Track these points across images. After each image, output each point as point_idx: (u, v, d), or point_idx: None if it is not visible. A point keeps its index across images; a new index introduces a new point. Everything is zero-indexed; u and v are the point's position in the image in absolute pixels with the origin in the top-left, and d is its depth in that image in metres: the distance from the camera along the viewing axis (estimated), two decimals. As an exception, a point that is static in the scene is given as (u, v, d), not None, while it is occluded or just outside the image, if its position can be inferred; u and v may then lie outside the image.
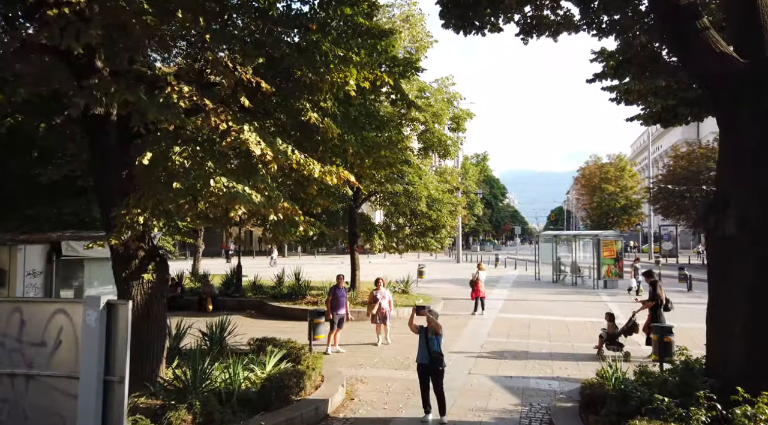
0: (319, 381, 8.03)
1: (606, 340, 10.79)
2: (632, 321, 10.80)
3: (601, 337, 10.90)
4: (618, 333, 10.78)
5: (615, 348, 10.64)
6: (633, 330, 10.80)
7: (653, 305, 10.80)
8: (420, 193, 15.98)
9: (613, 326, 10.89)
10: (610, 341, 10.76)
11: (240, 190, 5.71)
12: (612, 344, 10.70)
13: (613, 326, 10.88)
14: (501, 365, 10.01)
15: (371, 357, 10.65)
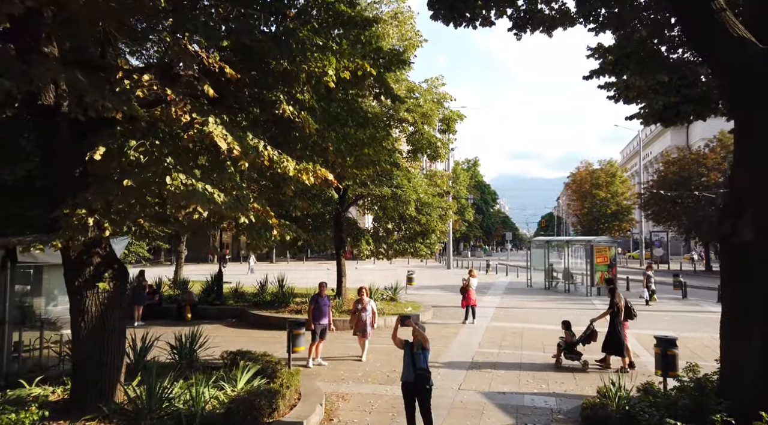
0: (295, 399, 7.35)
1: (564, 349, 10.39)
2: (590, 328, 10.44)
3: (559, 346, 10.50)
4: (576, 341, 10.43)
5: (573, 357, 10.28)
6: (591, 339, 10.45)
7: (611, 312, 10.36)
8: (409, 196, 15.36)
9: (570, 334, 10.56)
10: (567, 350, 10.36)
11: (200, 188, 5.05)
12: (570, 353, 10.33)
13: (570, 334, 10.55)
14: (493, 379, 9.37)
15: (355, 370, 9.97)
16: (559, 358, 10.41)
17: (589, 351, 10.65)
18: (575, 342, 10.42)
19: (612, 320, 10.33)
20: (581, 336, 10.48)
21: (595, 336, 10.40)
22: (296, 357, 10.39)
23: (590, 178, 57.82)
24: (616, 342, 10.05)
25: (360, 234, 16.86)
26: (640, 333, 13.81)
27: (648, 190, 39.98)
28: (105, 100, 4.65)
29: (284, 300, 16.23)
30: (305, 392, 7.68)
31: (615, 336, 10.08)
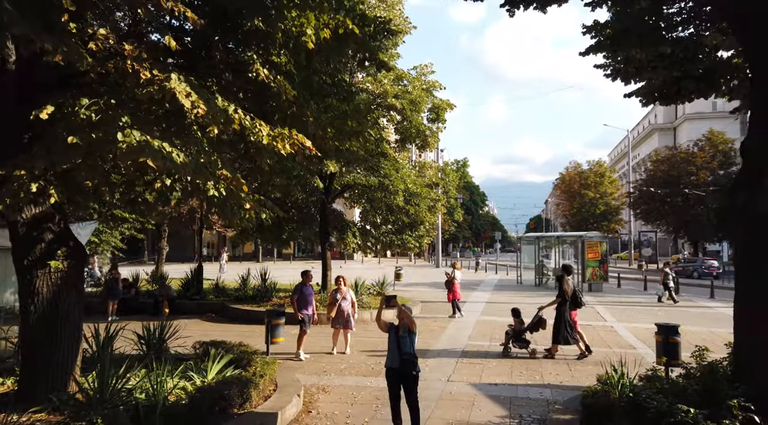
0: (270, 390, 6.75)
1: (512, 337, 10.17)
2: (538, 316, 10.32)
3: (507, 334, 10.26)
4: (524, 329, 10.26)
5: (521, 345, 10.10)
6: (539, 326, 10.27)
7: (559, 301, 10.06)
8: (396, 186, 14.82)
9: (519, 322, 10.36)
10: (516, 338, 10.14)
11: (156, 145, 4.46)
12: (518, 341, 10.13)
13: (519, 322, 10.35)
14: (484, 370, 8.84)
15: (337, 363, 9.38)
16: (507, 346, 10.17)
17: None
18: (523, 329, 10.23)
19: (558, 309, 10.05)
20: (529, 323, 10.31)
21: (544, 324, 10.24)
22: (283, 351, 9.81)
23: (579, 178, 57.80)
24: (563, 331, 9.82)
25: (346, 227, 16.29)
26: (636, 326, 13.40)
27: (637, 188, 39.87)
28: (44, 42, 4.04)
29: (267, 295, 15.59)
30: (282, 383, 7.08)
31: (562, 324, 9.86)
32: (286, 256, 50.03)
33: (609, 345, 10.95)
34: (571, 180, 58.82)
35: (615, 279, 24.91)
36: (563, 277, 10.32)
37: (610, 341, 11.42)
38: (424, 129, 15.14)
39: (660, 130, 68.83)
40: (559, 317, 9.93)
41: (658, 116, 71.43)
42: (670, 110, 69.45)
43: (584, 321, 13.95)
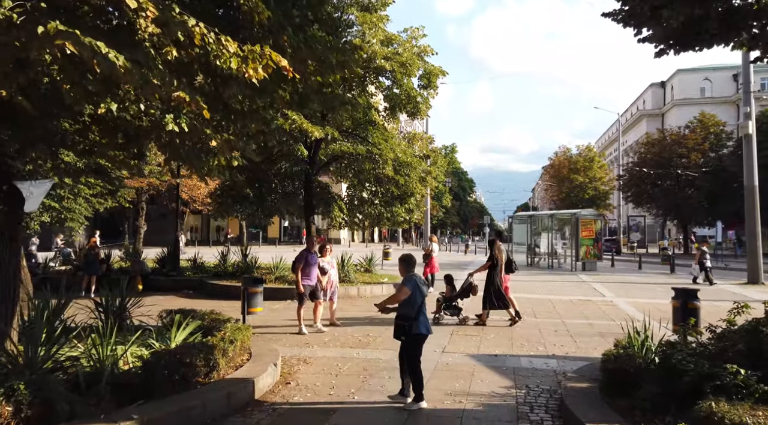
0: (243, 359, 5.91)
1: (443, 304, 9.81)
2: (468, 282, 10.05)
3: (438, 301, 9.88)
4: (455, 295, 9.92)
5: (452, 312, 9.79)
6: (470, 292, 10.00)
7: (490, 265, 9.79)
8: (386, 155, 13.93)
9: (451, 289, 10.05)
10: (447, 305, 9.80)
11: (87, 41, 3.53)
12: (449, 308, 9.80)
13: (450, 289, 10.05)
14: (482, 342, 8.08)
15: (321, 336, 8.55)
16: (438, 314, 9.72)
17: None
18: (454, 296, 9.85)
19: (489, 273, 9.71)
20: (459, 290, 9.92)
21: (474, 289, 9.97)
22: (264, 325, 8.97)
23: (568, 162, 57.31)
24: (494, 297, 9.56)
25: (332, 200, 15.41)
26: (637, 301, 12.79)
27: (629, 170, 39.40)
28: None
29: (247, 271, 14.68)
30: (258, 352, 6.24)
31: (493, 290, 9.60)
32: (272, 240, 48.98)
33: (612, 318, 10.27)
34: (560, 165, 58.31)
35: (608, 260, 24.40)
36: (495, 242, 10.09)
37: (612, 314, 10.75)
38: (415, 95, 14.24)
39: (648, 116, 68.57)
40: (489, 283, 9.65)
41: (647, 102, 71.18)
42: (659, 97, 69.30)
43: (583, 297, 13.31)
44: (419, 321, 5.12)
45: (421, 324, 5.13)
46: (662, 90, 69.07)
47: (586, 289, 14.93)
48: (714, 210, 35.98)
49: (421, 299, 5.17)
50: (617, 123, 51.10)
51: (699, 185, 34.60)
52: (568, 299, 12.82)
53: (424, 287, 5.36)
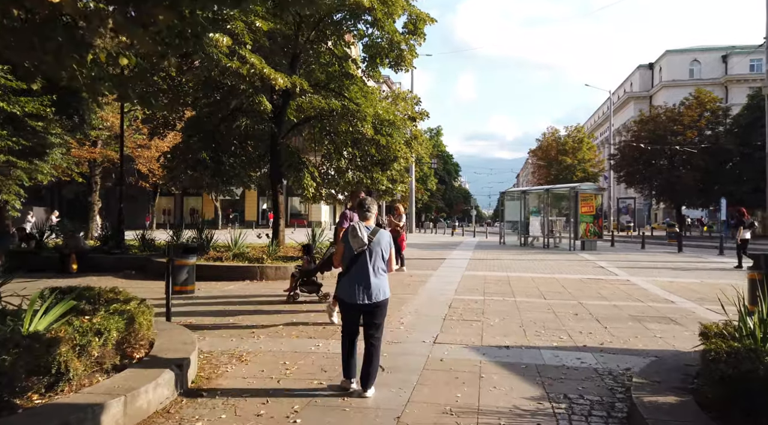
0: (138, 356, 3.85)
1: (299, 279, 7.90)
2: (331, 252, 7.78)
3: (293, 276, 8.00)
4: (314, 268, 7.95)
5: (310, 288, 7.88)
6: (331, 264, 7.75)
7: None
8: (364, 111, 11.81)
9: (309, 260, 8.10)
10: (304, 280, 7.90)
11: None
12: (307, 284, 7.89)
13: (308, 260, 8.10)
14: (485, 329, 6.13)
15: (274, 320, 6.52)
16: (294, 291, 7.90)
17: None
18: (313, 269, 7.92)
19: None
20: (320, 261, 8.03)
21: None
22: (185, 300, 6.89)
23: (556, 144, 55.70)
24: None
25: (302, 165, 13.28)
26: (657, 279, 10.97)
27: (620, 150, 37.76)
28: None
29: (203, 248, 12.51)
30: (162, 347, 4.19)
31: None
32: (249, 223, 46.59)
33: (639, 299, 8.40)
34: (548, 146, 56.67)
35: (607, 240, 22.72)
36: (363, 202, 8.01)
37: (638, 294, 8.89)
38: (399, 40, 12.09)
39: (636, 98, 67.24)
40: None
41: (634, 85, 69.87)
42: (647, 79, 68.07)
43: (593, 276, 11.48)
44: (341, 282, 4.12)
45: (342, 285, 4.04)
46: (650, 72, 67.81)
47: (593, 268, 13.11)
48: (708, 191, 34.63)
49: (350, 255, 3.97)
50: (608, 102, 49.48)
51: (694, 164, 33.11)
52: (577, 278, 10.95)
53: (365, 236, 3.93)
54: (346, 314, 4.00)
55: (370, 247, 3.93)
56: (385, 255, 4.02)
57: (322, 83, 13.10)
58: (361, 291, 3.85)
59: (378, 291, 3.89)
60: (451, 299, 8.25)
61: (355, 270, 3.91)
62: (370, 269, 3.89)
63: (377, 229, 4.09)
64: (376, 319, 3.94)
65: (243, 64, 10.27)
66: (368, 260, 3.91)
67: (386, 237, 4.08)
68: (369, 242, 3.93)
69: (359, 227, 3.96)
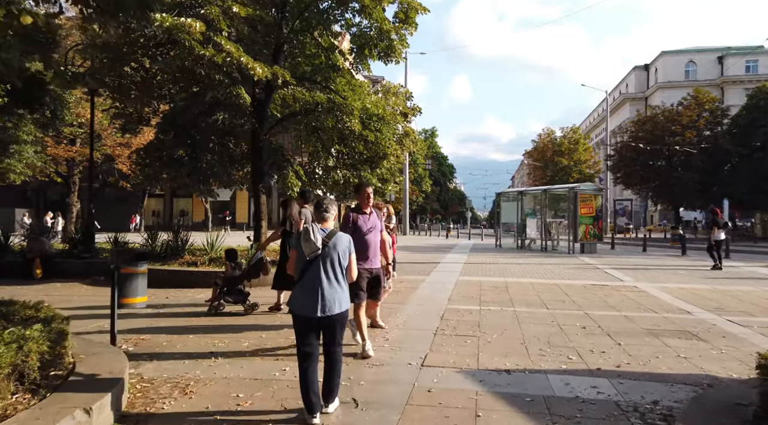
0: (42, 393, 3.00)
1: (222, 288, 7.04)
2: (257, 257, 7.42)
3: (216, 284, 7.14)
4: (239, 276, 7.19)
5: (236, 298, 7.02)
6: (259, 271, 7.34)
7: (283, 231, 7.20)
8: (351, 104, 10.97)
9: (233, 267, 7.27)
10: (229, 289, 7.05)
11: None
12: (232, 293, 7.05)
13: (232, 267, 7.26)
14: (482, 347, 5.31)
15: (238, 338, 5.68)
16: (216, 301, 7.02)
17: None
18: (238, 276, 7.17)
19: (284, 243, 7.15)
20: (245, 268, 7.34)
21: (265, 267, 7.41)
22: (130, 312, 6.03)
23: (552, 145, 55.09)
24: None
25: (286, 162, 12.44)
26: (667, 286, 10.19)
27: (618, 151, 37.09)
28: None
29: (178, 252, 11.63)
30: (80, 380, 3.34)
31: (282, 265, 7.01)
32: (240, 225, 45.67)
33: (651, 309, 7.61)
34: (544, 147, 56.06)
35: (607, 243, 21.98)
36: (288, 202, 7.37)
37: (648, 303, 8.09)
38: (389, 29, 11.28)
39: (632, 100, 66.82)
40: (283, 254, 7.10)
41: (630, 86, 69.45)
42: (642, 80, 67.76)
43: (596, 281, 10.69)
44: (293, 293, 3.60)
45: (294, 296, 3.57)
46: (645, 73, 67.48)
47: (595, 273, 12.33)
48: (707, 192, 34.05)
49: (303, 261, 3.54)
50: (605, 103, 48.90)
51: (693, 165, 32.49)
52: (580, 285, 10.16)
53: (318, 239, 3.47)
54: (300, 330, 3.50)
55: (325, 252, 3.51)
56: (342, 261, 3.60)
57: (307, 75, 12.27)
58: (315, 303, 3.41)
59: (333, 303, 3.45)
60: (444, 309, 7.43)
61: (307, 279, 3.49)
62: (324, 277, 3.47)
63: (334, 232, 3.66)
64: (334, 334, 3.54)
65: (218, 52, 9.45)
66: (322, 268, 3.49)
67: (344, 241, 3.65)
68: (324, 246, 3.51)
69: (312, 229, 3.51)
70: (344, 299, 3.56)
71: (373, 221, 5.22)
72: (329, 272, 3.50)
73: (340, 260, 3.57)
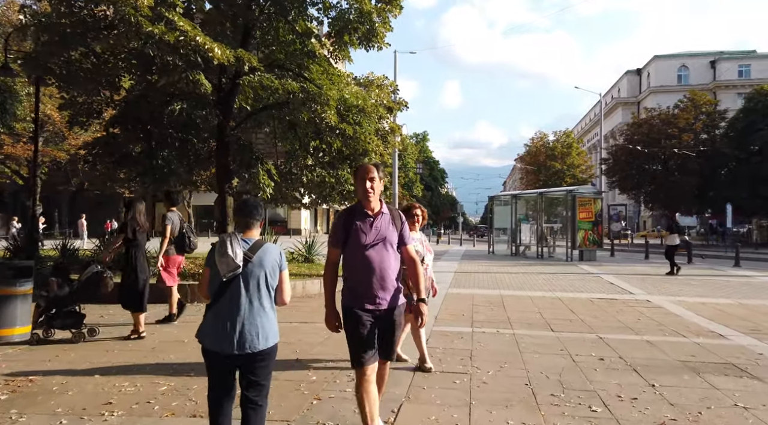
0: None
1: (46, 310, 5.50)
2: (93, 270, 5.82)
3: (38, 306, 5.59)
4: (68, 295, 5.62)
5: (65, 322, 5.52)
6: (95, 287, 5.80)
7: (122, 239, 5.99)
8: (326, 94, 9.69)
9: (61, 283, 5.67)
10: (56, 310, 5.52)
11: None
12: (60, 316, 5.51)
13: (59, 283, 5.66)
14: (475, 393, 4.02)
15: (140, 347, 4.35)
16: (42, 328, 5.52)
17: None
18: (67, 295, 5.62)
19: (129, 254, 5.94)
20: (76, 283, 5.76)
21: (104, 283, 5.81)
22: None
23: (545, 149, 54.17)
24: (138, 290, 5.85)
25: (256, 161, 11.12)
26: (684, 300, 8.98)
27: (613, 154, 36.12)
28: None
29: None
30: None
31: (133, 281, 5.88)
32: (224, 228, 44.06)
33: (677, 331, 6.37)
34: (536, 151, 55.11)
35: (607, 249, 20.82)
36: (133, 203, 6.16)
37: (671, 324, 6.86)
38: (370, 10, 10.02)
39: (624, 104, 66.35)
40: (126, 271, 5.91)
41: (622, 90, 69.00)
42: (634, 85, 67.42)
43: (603, 294, 9.46)
44: (204, 320, 2.71)
45: (204, 325, 2.70)
46: (638, 77, 67.12)
47: (599, 284, 11.12)
48: (704, 197, 33.15)
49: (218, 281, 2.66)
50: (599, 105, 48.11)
51: (690, 169, 31.55)
52: (585, 299, 8.92)
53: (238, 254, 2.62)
54: (211, 369, 2.72)
55: (247, 270, 2.67)
56: (271, 280, 2.75)
57: (279, 62, 10.99)
58: (231, 336, 2.61)
59: (255, 336, 2.64)
60: (429, 332, 6.13)
61: (222, 304, 2.67)
62: (245, 302, 2.66)
63: (260, 243, 2.78)
64: (257, 377, 2.68)
65: (170, 30, 8.18)
66: (243, 290, 2.67)
67: (273, 255, 2.77)
68: (246, 262, 2.66)
69: (230, 240, 2.65)
70: (272, 332, 2.72)
71: (383, 228, 3.00)
72: (252, 296, 2.67)
73: (267, 280, 2.72)
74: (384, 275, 2.93)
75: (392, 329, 3.03)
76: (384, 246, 2.96)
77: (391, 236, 3.00)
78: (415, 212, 4.79)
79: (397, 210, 3.21)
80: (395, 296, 3.01)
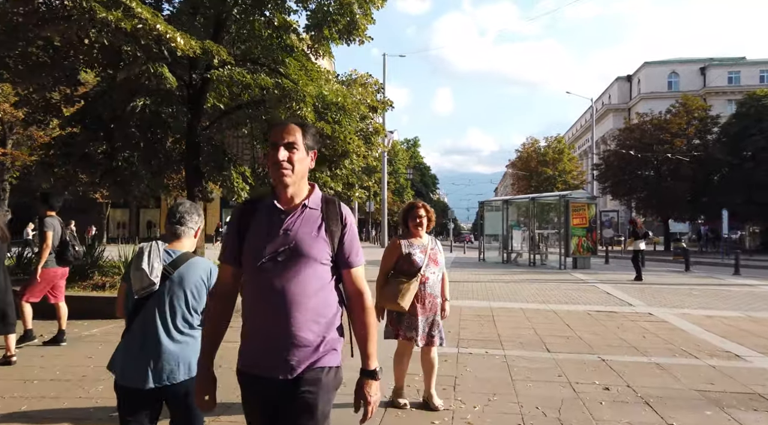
0: None
1: None
2: None
3: None
4: None
5: None
6: None
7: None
8: (302, 90, 8.96)
9: None
10: None
11: None
12: None
13: None
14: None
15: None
16: None
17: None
18: None
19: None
20: None
21: None
22: None
23: (536, 155, 53.77)
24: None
25: (229, 163, 10.36)
26: (689, 313, 8.28)
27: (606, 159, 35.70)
28: None
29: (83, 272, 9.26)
30: None
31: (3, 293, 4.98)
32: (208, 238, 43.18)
33: (688, 351, 5.66)
34: (528, 157, 54.69)
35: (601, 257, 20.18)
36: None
37: (680, 341, 6.15)
38: (350, 0, 9.33)
39: (614, 111, 66.28)
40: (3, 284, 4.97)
41: (612, 97, 68.96)
42: (625, 91, 67.42)
43: (602, 306, 8.75)
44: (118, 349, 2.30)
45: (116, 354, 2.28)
46: (628, 84, 67.14)
47: (596, 294, 10.43)
48: (697, 203, 32.76)
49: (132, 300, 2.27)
50: (591, 110, 47.81)
51: (683, 174, 31.15)
52: (582, 311, 8.21)
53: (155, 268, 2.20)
54: (123, 407, 2.21)
55: (164, 289, 2.23)
56: (193, 302, 2.27)
57: (254, 57, 10.25)
58: (144, 367, 2.15)
59: (173, 365, 2.18)
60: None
61: (135, 329, 2.23)
62: (161, 327, 2.20)
63: (186, 257, 2.31)
64: (181, 413, 2.23)
65: (127, 17, 7.43)
66: (157, 312, 2.22)
67: (198, 272, 2.29)
68: (164, 278, 2.23)
69: (148, 252, 2.25)
70: (191, 360, 2.21)
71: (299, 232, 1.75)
72: (167, 320, 2.22)
73: (188, 301, 2.26)
74: (294, 314, 1.67)
75: (309, 414, 1.68)
76: (297, 262, 1.70)
77: (311, 247, 1.72)
78: (419, 212, 3.84)
79: (341, 205, 1.84)
80: (321, 352, 1.74)
